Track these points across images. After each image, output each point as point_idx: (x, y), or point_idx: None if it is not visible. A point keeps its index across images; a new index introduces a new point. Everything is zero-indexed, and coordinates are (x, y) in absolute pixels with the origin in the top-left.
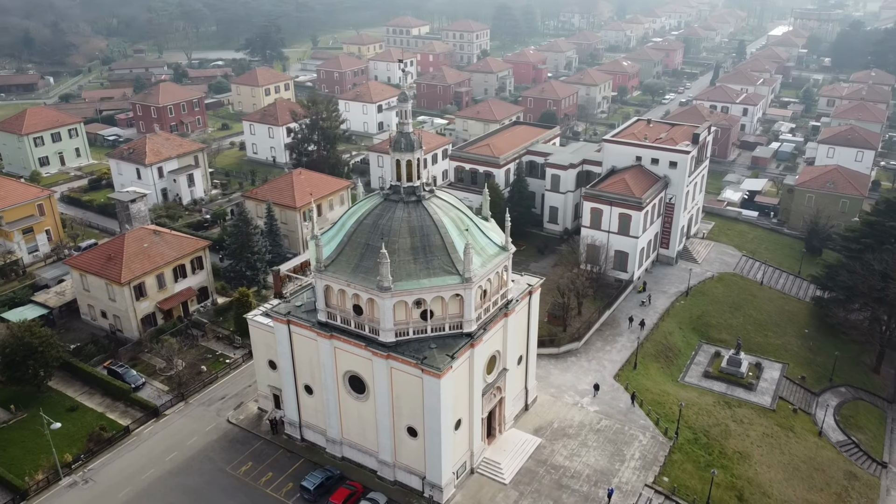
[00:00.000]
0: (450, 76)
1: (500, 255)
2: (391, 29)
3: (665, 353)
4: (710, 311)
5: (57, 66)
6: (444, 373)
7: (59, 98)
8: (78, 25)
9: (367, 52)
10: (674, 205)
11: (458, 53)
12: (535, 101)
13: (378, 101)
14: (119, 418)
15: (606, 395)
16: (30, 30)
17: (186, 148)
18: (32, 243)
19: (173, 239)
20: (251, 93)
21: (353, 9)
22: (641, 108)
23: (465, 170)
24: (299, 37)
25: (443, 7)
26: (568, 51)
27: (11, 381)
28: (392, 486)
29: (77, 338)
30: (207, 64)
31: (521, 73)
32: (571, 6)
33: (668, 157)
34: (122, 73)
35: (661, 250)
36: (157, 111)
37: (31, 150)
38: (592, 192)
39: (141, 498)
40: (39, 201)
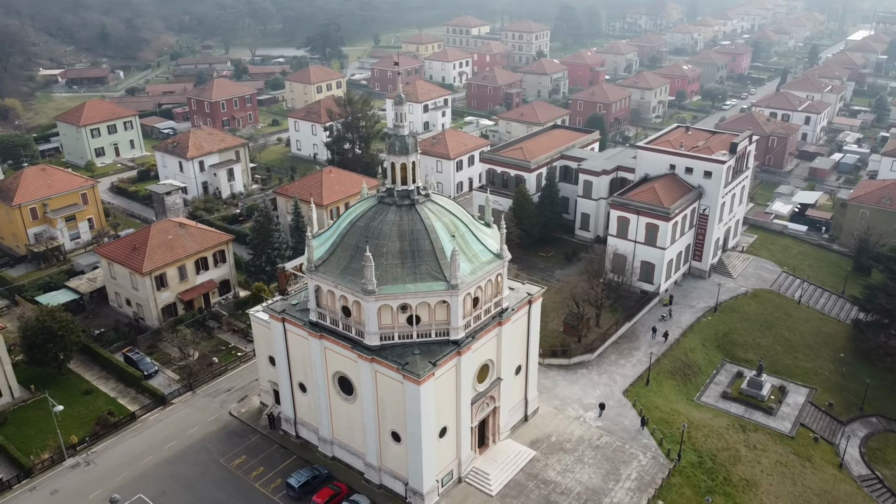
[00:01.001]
0: (500, 77)
1: (494, 262)
2: (451, 28)
3: (683, 371)
4: (739, 328)
5: (128, 60)
6: (424, 380)
7: (126, 91)
8: (152, 21)
9: (425, 51)
10: (707, 216)
11: (515, 54)
12: (584, 104)
13: (424, 101)
14: (128, 404)
15: (612, 410)
16: (106, 25)
17: (228, 143)
18: (74, 230)
19: (197, 232)
20: (303, 90)
21: (418, 8)
22: (700, 113)
23: (497, 173)
24: (362, 35)
25: (508, 7)
26: (628, 53)
27: (33, 362)
28: (378, 489)
29: (103, 323)
30: (269, 61)
31: (577, 75)
32: (638, 7)
33: (703, 167)
34: (187, 68)
35: (693, 263)
36: (210, 106)
37: (87, 141)
38: (619, 200)
39: (136, 483)
40: (83, 191)
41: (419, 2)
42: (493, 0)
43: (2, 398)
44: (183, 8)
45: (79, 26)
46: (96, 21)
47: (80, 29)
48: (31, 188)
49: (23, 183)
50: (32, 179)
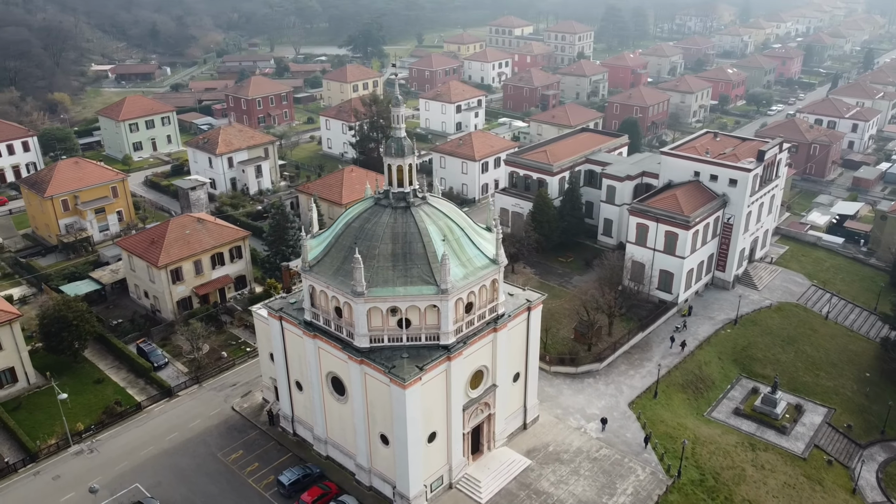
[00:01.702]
0: (537, 78)
1: (489, 268)
2: (494, 29)
3: (695, 384)
4: (759, 342)
5: (176, 57)
6: (409, 384)
7: (170, 87)
8: (201, 19)
9: (466, 51)
10: (732, 225)
11: (557, 55)
12: (621, 108)
13: (457, 102)
14: (137, 394)
15: (615, 422)
16: (157, 23)
17: (257, 140)
18: (104, 222)
19: (215, 228)
20: (340, 88)
21: (463, 8)
22: (743, 118)
23: (519, 175)
24: (405, 34)
25: (554, 7)
26: (673, 55)
27: (49, 350)
28: (368, 491)
29: (122, 314)
30: (312, 59)
31: (618, 77)
32: (688, 9)
33: (728, 174)
34: (231, 65)
35: (716, 273)
36: (247, 103)
37: (126, 136)
38: (639, 206)
39: (134, 472)
40: (113, 184)
41: (464, 1)
42: (539, 0)
43: (18, 383)
44: (232, 6)
45: (131, 23)
46: (148, 18)
47: (132, 26)
48: (64, 180)
49: (56, 175)
50: (65, 172)
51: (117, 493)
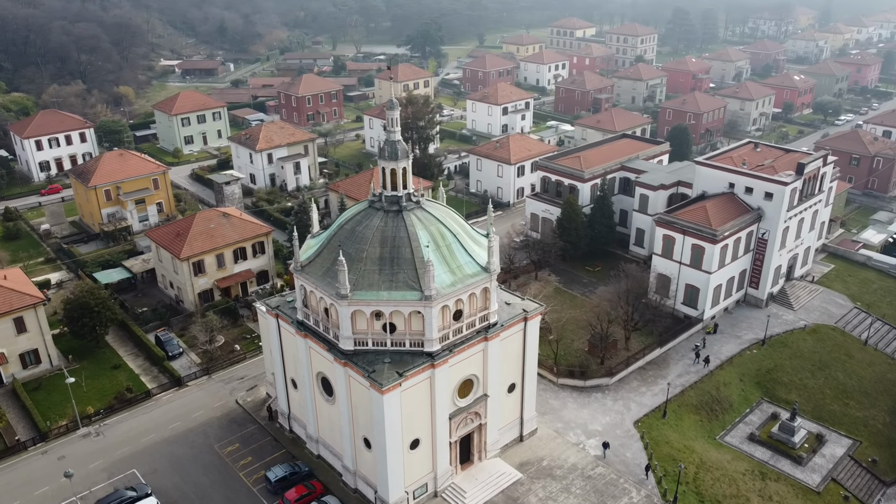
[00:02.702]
0: (590, 81)
1: (480, 275)
2: (555, 30)
3: (710, 405)
4: (786, 366)
5: (241, 53)
6: (387, 389)
7: (231, 83)
8: (269, 17)
9: (525, 52)
10: (767, 241)
11: (619, 58)
12: (673, 114)
13: (503, 104)
14: (149, 382)
15: (616, 440)
16: (225, 20)
17: (298, 137)
18: (144, 213)
19: (239, 223)
20: (390, 88)
21: (528, 8)
22: (807, 128)
23: (551, 181)
24: (467, 35)
25: (621, 9)
26: (739, 60)
27: (73, 334)
28: (353, 493)
29: (148, 303)
30: (371, 58)
31: (678, 82)
32: (762, 11)
33: (763, 187)
34: (292, 62)
35: (749, 290)
36: (297, 100)
37: (178, 130)
38: (665, 217)
39: (134, 458)
40: (155, 176)
41: (530, 2)
42: (607, 2)
43: (41, 364)
44: (300, 4)
45: (201, 20)
46: (217, 16)
47: (202, 23)
48: (108, 171)
49: (100, 166)
50: (109, 163)
51: (115, 478)
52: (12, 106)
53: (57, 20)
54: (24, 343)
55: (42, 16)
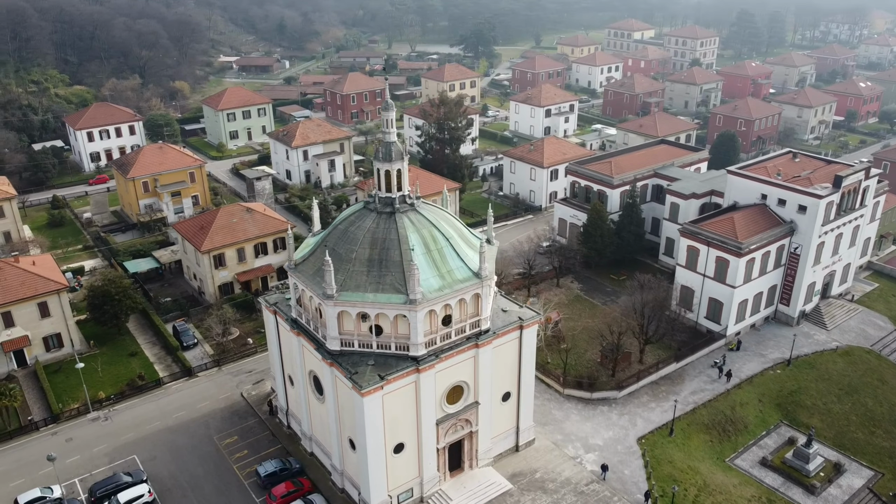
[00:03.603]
0: (639, 84)
1: (470, 281)
2: (612, 32)
3: (723, 426)
4: (811, 388)
5: (297, 51)
6: (367, 392)
7: (284, 80)
8: (328, 15)
9: (578, 53)
10: (799, 256)
11: (676, 61)
12: (724, 119)
13: (547, 106)
14: (161, 371)
15: (616, 457)
16: (285, 17)
17: (334, 135)
18: (179, 205)
19: (262, 218)
20: (437, 87)
21: (588, 9)
22: (870, 137)
23: (580, 186)
24: (523, 35)
25: (685, 10)
26: (803, 65)
27: (95, 320)
28: (340, 493)
29: (173, 293)
30: (424, 57)
31: (735, 87)
32: (835, 15)
33: (797, 200)
34: (346, 60)
35: (780, 307)
36: (342, 98)
37: (223, 125)
38: (690, 228)
39: (136, 444)
40: (191, 170)
41: (591, 3)
42: (671, 3)
43: (63, 348)
44: (359, 3)
45: (261, 18)
46: (277, 13)
47: (262, 20)
48: (146, 163)
49: (140, 158)
50: (149, 156)
51: (115, 462)
52: (73, 98)
53: (121, 17)
54: (47, 327)
55: (107, 12)
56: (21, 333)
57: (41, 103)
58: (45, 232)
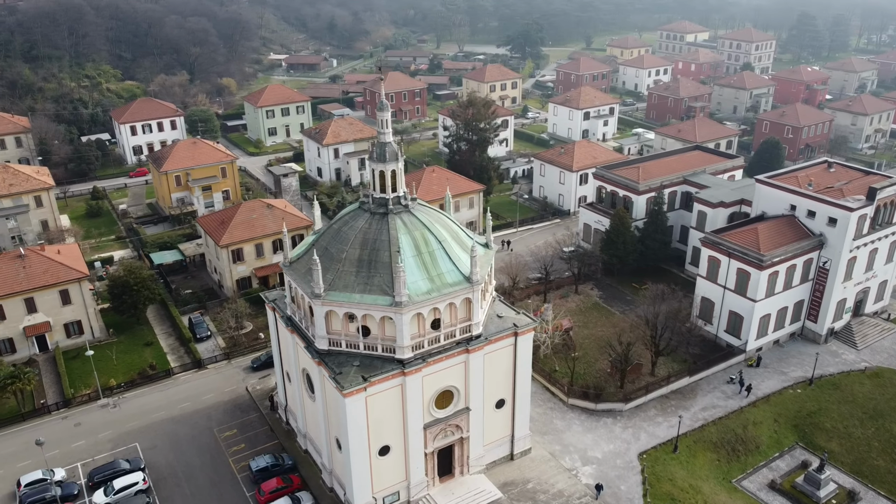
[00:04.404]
0: (684, 88)
1: (460, 285)
2: (664, 34)
3: (732, 444)
4: (832, 410)
5: (346, 50)
6: (349, 393)
7: (329, 78)
8: (379, 14)
9: (628, 55)
10: (828, 271)
11: (728, 64)
12: (770, 126)
13: (585, 108)
14: (173, 361)
15: (614, 471)
16: (335, 16)
17: (366, 133)
18: (210, 200)
19: (282, 214)
20: (477, 88)
21: (643, 11)
22: None
23: (606, 191)
24: (574, 36)
25: (745, 12)
26: (864, 71)
27: (114, 310)
28: (329, 492)
29: (194, 285)
30: (471, 57)
31: (789, 92)
32: None
33: (827, 212)
34: (393, 60)
35: (807, 323)
36: (379, 97)
37: (262, 121)
38: (712, 237)
39: (139, 432)
40: (223, 165)
41: (646, 4)
42: (729, 5)
43: (83, 335)
44: (410, 3)
45: (313, 17)
46: (329, 12)
47: (313, 19)
48: (179, 158)
49: (174, 153)
50: (182, 150)
51: (118, 448)
52: (123, 93)
53: (173, 15)
54: (68, 314)
55: (160, 10)
56: (43, 319)
57: (92, 97)
58: (82, 222)
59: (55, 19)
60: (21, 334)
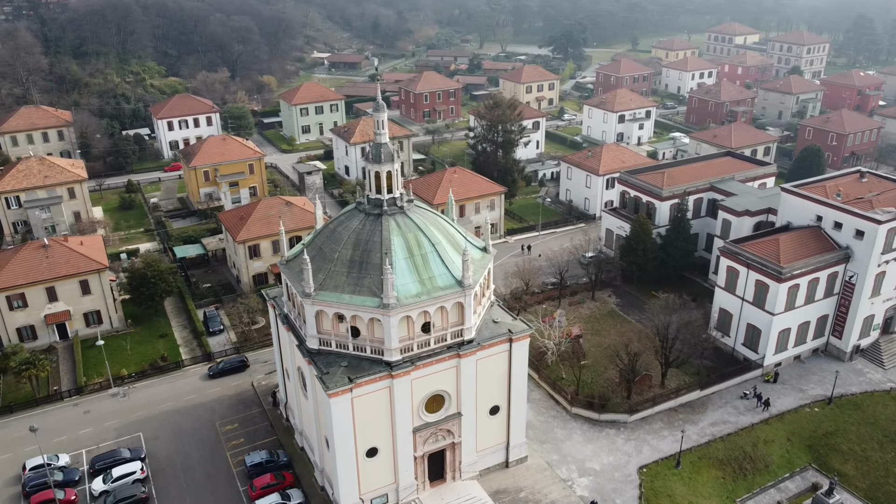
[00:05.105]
0: (725, 92)
1: (451, 289)
2: (712, 35)
3: (740, 462)
4: (850, 431)
5: (389, 49)
6: (334, 393)
7: (369, 77)
8: (424, 14)
9: (674, 57)
10: (854, 285)
11: (778, 68)
12: (814, 132)
13: (620, 111)
14: (185, 353)
15: (610, 484)
16: (379, 16)
17: (393, 133)
18: (237, 195)
19: (300, 212)
20: (514, 89)
21: (693, 12)
22: None
23: (630, 196)
24: (620, 37)
25: (800, 14)
26: None
27: (132, 301)
28: (321, 490)
29: (214, 279)
30: (513, 57)
31: (839, 97)
32: None
33: (854, 224)
34: (434, 59)
35: (831, 339)
36: (414, 97)
37: (296, 119)
38: (730, 247)
39: (144, 422)
40: (251, 161)
41: (697, 5)
42: (784, 6)
43: (102, 325)
44: (456, 3)
45: (357, 16)
46: (373, 12)
47: (358, 18)
48: (208, 154)
49: (203, 148)
50: (211, 147)
51: (122, 437)
52: (166, 89)
53: (217, 13)
54: (88, 303)
55: (206, 8)
56: (63, 308)
57: (135, 93)
58: (115, 214)
59: (104, 16)
60: (42, 322)
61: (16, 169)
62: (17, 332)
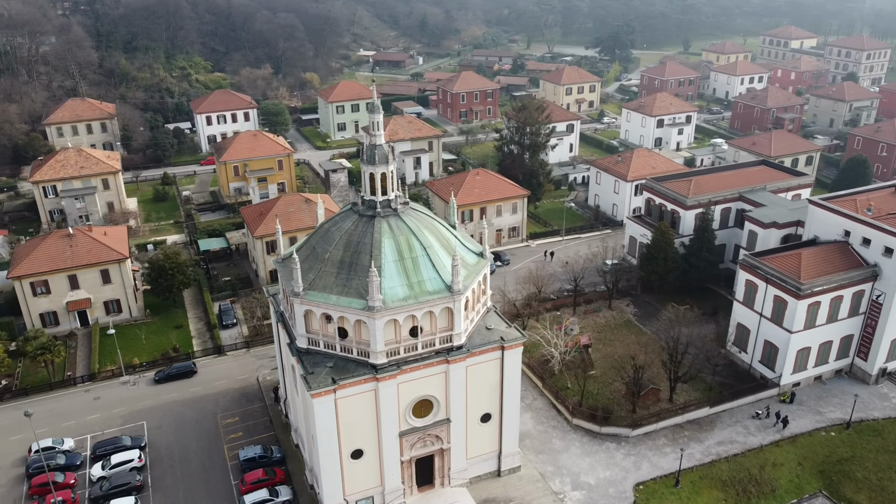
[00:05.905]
0: (772, 98)
1: (440, 294)
2: (767, 39)
3: (744, 485)
4: (867, 459)
5: (435, 48)
6: (317, 394)
7: (411, 75)
8: (472, 13)
9: (725, 61)
10: (882, 305)
11: (834, 73)
12: (863, 142)
13: (658, 115)
14: (197, 346)
15: (602, 500)
16: (427, 15)
17: (424, 132)
18: (265, 191)
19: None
20: (553, 90)
21: (750, 14)
22: None
23: (655, 204)
24: (672, 39)
25: (867, 17)
26: None
27: (151, 292)
28: (310, 489)
29: (234, 273)
30: (559, 58)
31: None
32: None
33: (882, 240)
34: (478, 59)
35: (857, 361)
36: (451, 97)
37: (332, 116)
38: (749, 260)
39: (149, 411)
40: (280, 158)
41: (756, 7)
42: (849, 10)
43: (121, 314)
44: (506, 3)
45: (405, 14)
46: (421, 10)
47: (406, 17)
48: (239, 149)
49: (234, 144)
50: (243, 142)
51: (126, 425)
52: (211, 84)
53: (265, 10)
54: (108, 293)
55: (253, 5)
56: (84, 296)
57: (180, 87)
58: (149, 205)
59: (155, 13)
60: (64, 309)
61: (54, 159)
62: (40, 318)
